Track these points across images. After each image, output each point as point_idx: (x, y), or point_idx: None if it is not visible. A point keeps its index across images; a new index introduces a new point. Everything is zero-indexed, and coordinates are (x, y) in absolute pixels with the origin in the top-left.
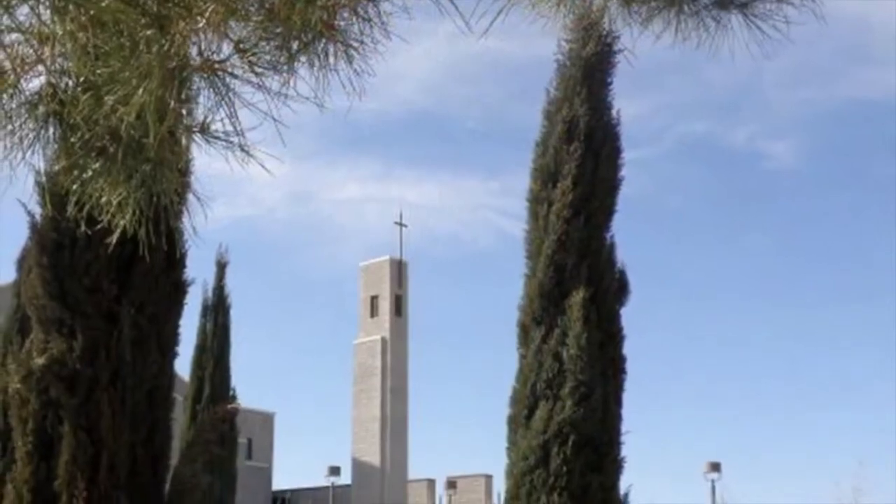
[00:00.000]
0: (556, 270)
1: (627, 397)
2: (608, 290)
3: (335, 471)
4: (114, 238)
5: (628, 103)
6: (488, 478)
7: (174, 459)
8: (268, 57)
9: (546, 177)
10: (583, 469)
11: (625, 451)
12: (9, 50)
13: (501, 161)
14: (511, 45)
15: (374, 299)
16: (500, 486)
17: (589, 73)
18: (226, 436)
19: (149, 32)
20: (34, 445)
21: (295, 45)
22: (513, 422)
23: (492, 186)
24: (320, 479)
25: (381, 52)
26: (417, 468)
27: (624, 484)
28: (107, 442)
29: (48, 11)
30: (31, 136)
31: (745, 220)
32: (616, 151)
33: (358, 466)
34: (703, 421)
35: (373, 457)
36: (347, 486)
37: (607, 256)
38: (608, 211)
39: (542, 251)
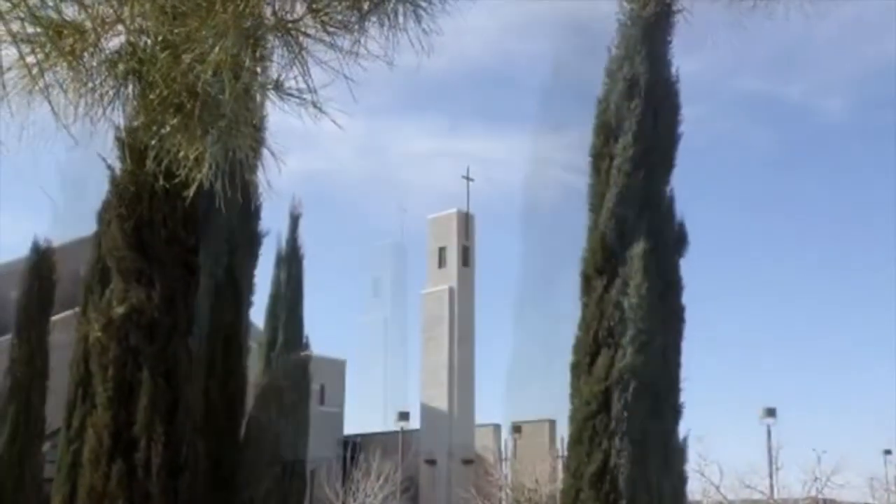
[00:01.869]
0: (618, 223)
1: (686, 345)
2: (668, 241)
3: (404, 416)
4: (191, 191)
5: (686, 61)
6: (552, 422)
7: (249, 405)
8: (339, 16)
9: (608, 132)
10: (643, 415)
11: (683, 398)
12: (90, 10)
13: (565, 116)
14: (574, 4)
15: (441, 251)
16: (563, 431)
17: (649, 32)
18: (299, 382)
19: None
20: (114, 391)
21: (366, 5)
22: (576, 369)
23: (556, 141)
24: (390, 424)
25: (448, 11)
26: (484, 413)
27: (683, 429)
28: (184, 388)
29: None
30: (111, 93)
31: (799, 173)
32: (675, 108)
33: (426, 412)
34: (759, 368)
35: (441, 402)
36: (416, 430)
37: (667, 209)
38: (668, 166)
39: (605, 204)
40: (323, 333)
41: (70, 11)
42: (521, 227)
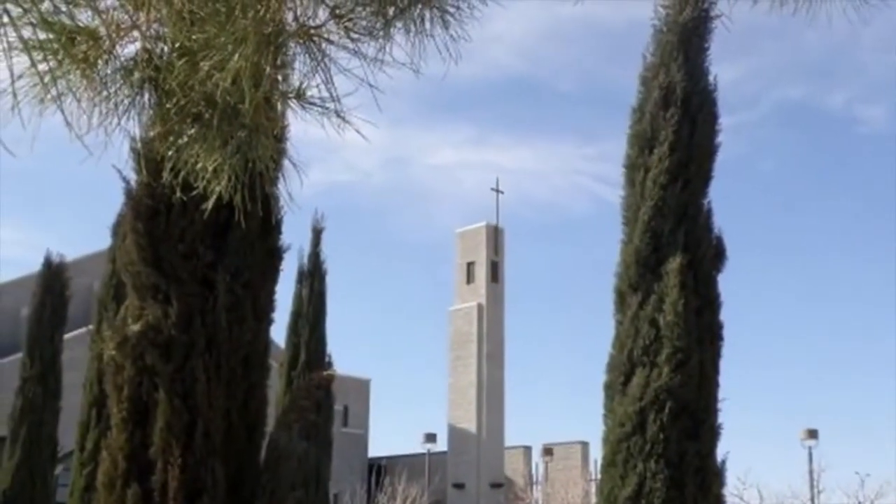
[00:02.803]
0: (653, 237)
1: (724, 364)
2: (705, 256)
3: (431, 437)
4: (209, 204)
5: (725, 68)
6: (584, 445)
7: (270, 426)
8: (364, 22)
9: (643, 143)
10: (679, 436)
11: (721, 418)
12: (104, 16)
13: (597, 126)
14: (606, 9)
15: (470, 266)
16: (596, 453)
17: (686, 38)
18: (321, 402)
19: None
20: (129, 412)
21: (391, 11)
22: (609, 388)
23: (587, 152)
24: (416, 446)
25: (476, 17)
26: (513, 435)
27: (721, 451)
28: (202, 409)
29: None
30: (126, 101)
31: (838, 183)
32: (713, 117)
33: (454, 433)
34: (800, 388)
35: (469, 423)
36: (444, 452)
37: (704, 222)
38: (705, 177)
39: (639, 217)
40: (347, 352)
41: (84, 17)
42: (552, 240)
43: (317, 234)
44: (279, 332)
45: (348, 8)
